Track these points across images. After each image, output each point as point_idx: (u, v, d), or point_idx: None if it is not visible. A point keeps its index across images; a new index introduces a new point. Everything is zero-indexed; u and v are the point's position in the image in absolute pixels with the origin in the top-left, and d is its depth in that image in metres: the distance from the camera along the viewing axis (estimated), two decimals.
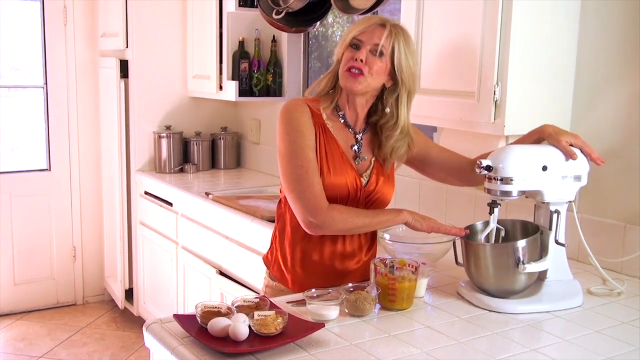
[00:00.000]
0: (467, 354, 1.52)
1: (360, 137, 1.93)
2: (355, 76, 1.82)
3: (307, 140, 1.83)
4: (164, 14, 4.08)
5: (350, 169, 1.89)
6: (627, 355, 1.54)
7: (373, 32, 1.82)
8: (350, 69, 1.82)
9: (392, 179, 1.99)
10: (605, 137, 2.18)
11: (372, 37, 1.81)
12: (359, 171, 1.92)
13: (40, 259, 4.55)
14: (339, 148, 1.88)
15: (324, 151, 1.86)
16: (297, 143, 1.82)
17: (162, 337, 1.55)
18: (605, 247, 2.15)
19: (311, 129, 1.85)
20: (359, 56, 1.81)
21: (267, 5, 3.40)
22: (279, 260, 1.98)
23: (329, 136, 1.88)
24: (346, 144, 1.91)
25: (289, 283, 1.96)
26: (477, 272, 1.83)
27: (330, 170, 1.85)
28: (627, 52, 2.12)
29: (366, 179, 1.92)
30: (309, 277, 1.92)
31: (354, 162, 1.91)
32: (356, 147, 1.92)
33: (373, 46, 1.81)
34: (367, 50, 1.81)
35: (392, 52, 1.82)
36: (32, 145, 4.55)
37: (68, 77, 4.48)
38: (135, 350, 3.94)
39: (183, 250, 3.55)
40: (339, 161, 1.87)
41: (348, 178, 1.87)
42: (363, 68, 1.81)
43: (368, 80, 1.83)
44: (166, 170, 4.05)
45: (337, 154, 1.87)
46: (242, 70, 3.75)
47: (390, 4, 2.96)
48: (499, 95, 2.09)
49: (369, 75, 1.82)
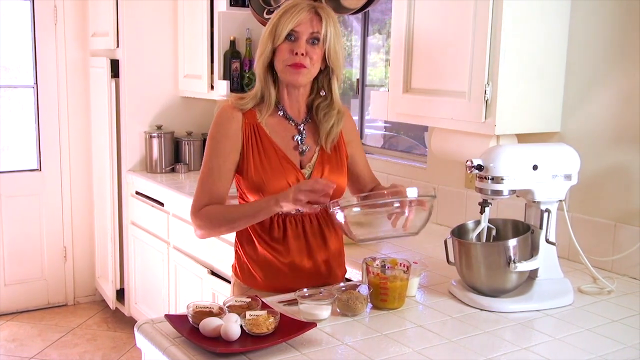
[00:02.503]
0: (459, 352, 1.52)
1: (302, 128, 1.91)
2: (298, 69, 1.82)
3: (219, 148, 1.85)
4: (154, 13, 4.07)
5: (289, 166, 1.86)
6: (618, 354, 1.55)
7: (309, 21, 1.81)
8: (293, 64, 1.81)
9: (341, 167, 1.94)
10: (596, 136, 2.19)
11: (308, 26, 1.81)
12: (303, 163, 1.89)
13: (31, 259, 4.53)
14: (274, 148, 1.86)
15: (258, 154, 1.85)
16: (209, 149, 1.87)
17: (153, 337, 1.55)
18: (595, 245, 2.16)
19: (231, 138, 1.85)
20: (299, 50, 1.80)
21: (259, 4, 3.40)
22: (247, 264, 1.93)
23: (264, 138, 1.86)
24: (286, 139, 1.89)
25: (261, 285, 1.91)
26: (469, 271, 1.83)
27: (268, 172, 1.84)
28: (617, 51, 2.13)
29: (309, 170, 1.88)
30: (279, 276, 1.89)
31: (298, 152, 1.89)
32: (299, 138, 1.90)
33: (310, 35, 1.81)
34: (304, 42, 1.81)
35: (325, 37, 1.82)
36: (22, 145, 4.53)
37: (58, 77, 4.46)
38: (127, 351, 3.93)
39: (174, 250, 3.54)
40: (276, 161, 1.85)
41: (288, 177, 1.84)
42: (304, 61, 1.81)
43: (311, 71, 1.84)
44: (157, 170, 4.04)
45: (272, 154, 1.85)
46: (234, 69, 3.74)
47: (381, 3, 2.97)
48: (490, 95, 2.09)
49: (311, 66, 1.83)
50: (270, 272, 1.89)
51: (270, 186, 1.82)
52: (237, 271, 1.98)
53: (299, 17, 1.80)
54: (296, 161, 1.88)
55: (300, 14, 1.81)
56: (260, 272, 1.90)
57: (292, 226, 1.88)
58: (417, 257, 2.25)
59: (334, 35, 1.84)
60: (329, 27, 1.82)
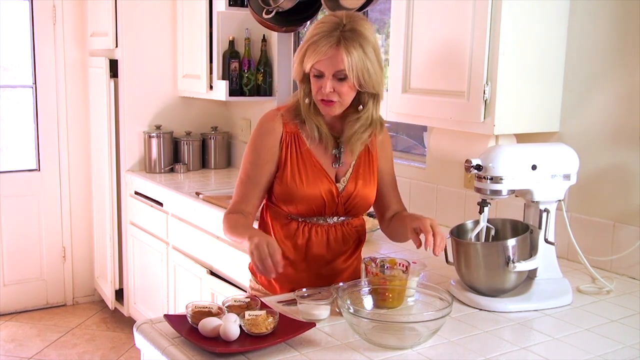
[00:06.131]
0: (458, 352, 1.52)
1: (340, 141, 1.91)
2: (328, 105, 1.82)
3: (257, 157, 1.89)
4: (153, 13, 4.07)
5: (325, 177, 1.88)
6: (617, 353, 1.55)
7: (331, 58, 1.75)
8: (322, 100, 1.81)
9: (372, 181, 1.96)
10: (594, 136, 2.19)
11: (330, 65, 1.76)
12: (338, 176, 1.91)
13: (30, 259, 4.53)
14: (312, 159, 1.88)
15: (297, 162, 1.87)
16: (247, 156, 1.92)
17: (152, 337, 1.55)
18: (594, 245, 2.16)
19: (269, 150, 1.87)
20: (324, 89, 1.78)
21: (257, 4, 3.40)
22: None
23: (303, 147, 1.88)
24: (324, 151, 1.91)
25: (277, 290, 1.96)
26: (468, 271, 1.83)
27: (304, 182, 1.86)
28: (616, 51, 2.13)
29: (343, 184, 1.91)
30: (296, 281, 1.91)
31: (335, 166, 1.91)
32: (336, 151, 1.91)
33: (336, 73, 1.76)
34: (330, 80, 1.77)
35: (353, 70, 1.75)
36: (21, 146, 4.53)
37: (57, 77, 4.46)
38: (126, 351, 3.92)
39: (173, 251, 3.54)
40: (312, 171, 1.87)
41: (322, 187, 1.87)
42: (333, 98, 1.80)
43: (343, 103, 1.82)
44: (156, 170, 4.04)
45: (309, 165, 1.88)
46: (233, 69, 3.75)
47: (380, 3, 2.97)
48: (489, 95, 2.09)
49: (341, 99, 1.81)
50: (286, 279, 1.92)
51: (302, 194, 1.86)
52: (254, 271, 2.01)
53: (320, 56, 1.75)
54: (332, 174, 1.91)
55: (322, 51, 1.75)
56: (277, 279, 1.93)
57: (317, 235, 1.92)
58: (416, 256, 2.25)
59: (363, 63, 1.76)
60: (353, 60, 1.74)
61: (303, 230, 1.91)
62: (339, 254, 1.95)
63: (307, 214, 1.90)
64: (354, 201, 1.92)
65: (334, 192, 1.89)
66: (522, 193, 1.86)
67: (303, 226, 1.91)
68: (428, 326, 1.50)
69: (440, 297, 1.64)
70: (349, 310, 1.52)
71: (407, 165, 3.00)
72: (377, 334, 1.51)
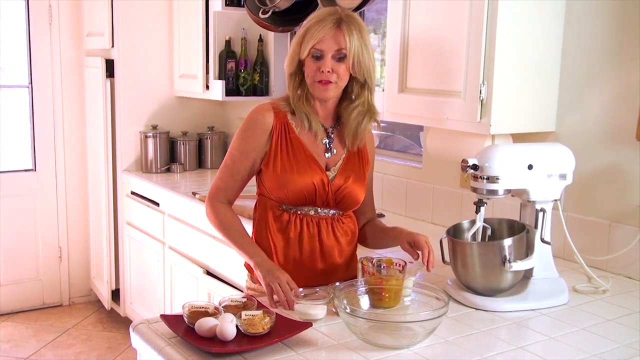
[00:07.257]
0: (454, 352, 1.52)
1: (331, 132, 1.95)
2: (325, 85, 1.85)
3: (244, 144, 1.93)
4: (150, 13, 4.06)
5: (315, 165, 1.90)
6: (613, 353, 1.55)
7: (332, 37, 1.82)
8: (320, 81, 1.84)
9: (363, 180, 1.98)
10: (590, 136, 2.20)
11: (332, 43, 1.82)
12: (329, 165, 1.94)
13: (26, 259, 4.52)
14: (303, 148, 1.91)
15: (286, 151, 1.90)
16: (235, 144, 1.95)
17: (149, 337, 1.55)
18: (590, 245, 2.17)
19: (258, 138, 1.90)
20: (324, 67, 1.82)
21: (254, 4, 3.40)
22: None
23: (294, 137, 1.91)
24: (315, 141, 1.93)
25: None
26: (464, 271, 1.84)
27: (294, 168, 1.89)
28: (612, 51, 2.14)
29: (333, 173, 1.93)
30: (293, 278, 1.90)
31: (325, 155, 1.93)
32: (327, 141, 1.94)
33: (335, 52, 1.82)
34: (329, 59, 1.82)
35: (350, 52, 1.82)
36: (17, 145, 4.52)
37: (53, 77, 4.45)
38: (122, 351, 3.92)
39: (170, 251, 3.54)
40: (303, 160, 1.90)
41: (314, 176, 1.89)
42: (331, 78, 1.84)
43: (339, 85, 1.87)
44: (153, 170, 4.03)
45: (300, 153, 1.90)
46: (229, 69, 3.74)
47: (376, 3, 2.97)
48: (485, 95, 2.10)
49: (338, 81, 1.85)
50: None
51: (294, 183, 1.88)
52: (250, 269, 2.02)
53: (322, 34, 1.82)
54: (322, 163, 1.93)
55: (323, 31, 1.81)
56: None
57: (308, 227, 1.93)
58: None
59: (360, 47, 1.83)
60: (352, 41, 1.82)
61: (295, 222, 1.92)
62: (332, 247, 1.95)
63: (299, 202, 1.91)
64: (344, 192, 1.93)
65: (325, 180, 1.90)
66: (519, 193, 1.86)
67: (294, 218, 1.92)
68: (424, 326, 1.50)
69: (437, 296, 1.64)
70: (345, 310, 1.53)
71: (403, 165, 3.00)
72: (373, 334, 1.51)
